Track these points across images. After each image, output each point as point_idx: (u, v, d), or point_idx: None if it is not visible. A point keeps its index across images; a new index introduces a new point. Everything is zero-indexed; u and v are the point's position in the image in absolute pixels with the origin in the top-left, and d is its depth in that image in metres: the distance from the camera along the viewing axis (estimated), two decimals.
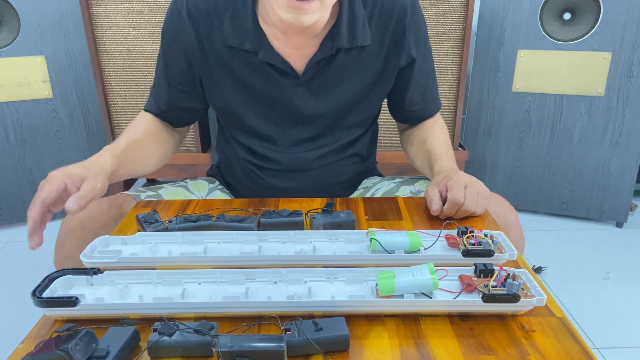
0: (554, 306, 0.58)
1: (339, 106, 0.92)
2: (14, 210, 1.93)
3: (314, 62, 0.86)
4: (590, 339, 1.34)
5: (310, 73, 0.88)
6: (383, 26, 0.88)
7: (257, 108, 0.92)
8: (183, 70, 0.92)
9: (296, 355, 0.50)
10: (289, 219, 0.74)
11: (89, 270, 0.60)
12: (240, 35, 0.85)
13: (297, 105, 0.90)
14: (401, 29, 0.89)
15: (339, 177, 0.99)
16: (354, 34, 0.86)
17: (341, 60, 0.88)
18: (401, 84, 0.96)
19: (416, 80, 0.95)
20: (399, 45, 0.90)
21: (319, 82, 0.89)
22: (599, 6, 1.68)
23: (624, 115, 1.77)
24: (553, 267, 1.66)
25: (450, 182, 0.79)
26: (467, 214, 0.79)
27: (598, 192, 1.90)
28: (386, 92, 0.97)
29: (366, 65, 0.90)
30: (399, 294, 0.55)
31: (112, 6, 1.67)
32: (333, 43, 0.85)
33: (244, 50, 0.86)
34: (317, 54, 0.86)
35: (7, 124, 1.82)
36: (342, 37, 0.85)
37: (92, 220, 0.84)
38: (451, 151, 0.96)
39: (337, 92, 0.91)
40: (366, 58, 0.89)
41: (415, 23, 0.90)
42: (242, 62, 0.88)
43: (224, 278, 0.60)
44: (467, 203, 0.77)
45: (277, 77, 0.88)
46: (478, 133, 1.99)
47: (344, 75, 0.89)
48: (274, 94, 0.90)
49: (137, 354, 0.51)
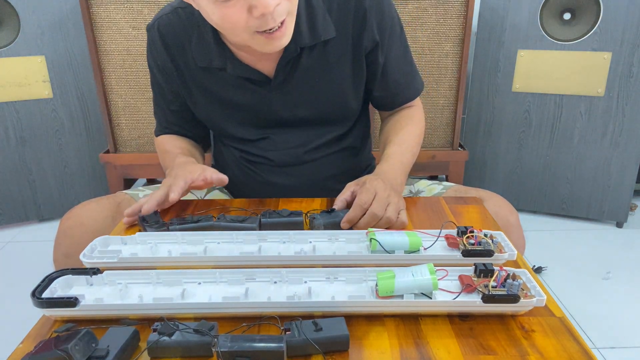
0: (554, 306, 0.58)
1: (318, 105, 0.91)
2: (14, 210, 1.93)
3: (282, 65, 0.86)
4: (590, 339, 1.34)
5: (280, 77, 0.87)
6: (344, 14, 0.86)
7: (239, 118, 0.93)
8: (173, 91, 0.96)
9: (296, 355, 0.50)
10: (289, 219, 0.74)
11: (88, 270, 0.60)
12: (206, 55, 0.87)
13: (276, 110, 0.91)
14: (362, 13, 0.86)
15: (334, 169, 0.98)
16: (315, 29, 0.84)
17: (307, 58, 0.87)
18: (369, 70, 0.92)
19: (385, 65, 0.92)
20: (361, 31, 0.87)
21: (291, 85, 0.89)
22: (599, 6, 1.68)
23: (623, 115, 1.77)
24: (553, 267, 1.66)
25: (362, 187, 0.77)
26: (374, 223, 0.74)
27: (598, 192, 1.89)
28: (363, 81, 0.94)
29: (335, 58, 0.88)
30: (399, 294, 0.55)
31: (112, 6, 1.67)
32: (296, 43, 0.83)
33: (215, 68, 0.87)
34: (283, 57, 0.85)
35: (7, 124, 1.82)
36: (304, 35, 0.83)
37: (91, 219, 0.84)
38: (408, 151, 0.92)
39: (311, 91, 0.90)
40: (333, 51, 0.88)
41: (377, 4, 0.86)
42: (216, 79, 0.89)
43: (224, 278, 0.60)
44: (372, 209, 0.74)
45: (251, 87, 0.89)
46: (478, 133, 1.99)
47: (314, 72, 0.88)
48: (252, 102, 0.90)
49: (137, 354, 0.51)
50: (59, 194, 1.98)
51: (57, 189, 1.97)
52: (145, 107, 1.81)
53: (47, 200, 1.96)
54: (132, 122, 1.83)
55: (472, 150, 2.01)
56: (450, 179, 1.89)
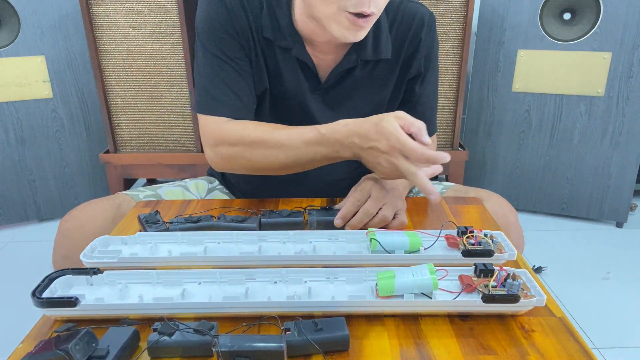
0: (554, 306, 0.58)
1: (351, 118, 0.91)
2: (14, 210, 1.93)
3: (338, 71, 0.86)
4: (590, 339, 1.34)
5: (331, 81, 0.87)
6: (401, 38, 0.88)
7: (271, 106, 0.90)
8: (242, 58, 0.85)
9: (296, 355, 0.50)
10: (289, 219, 0.74)
11: (88, 270, 0.60)
12: (276, 31, 0.83)
13: (309, 114, 0.89)
14: (416, 41, 0.88)
15: (339, 175, 0.98)
16: (379, 46, 0.85)
17: (360, 72, 0.87)
18: (405, 97, 0.94)
19: (419, 96, 0.94)
20: (412, 58, 0.89)
21: (337, 93, 0.89)
22: (599, 6, 1.68)
23: (623, 115, 1.77)
24: (553, 267, 1.66)
25: (358, 187, 0.77)
26: (367, 220, 0.74)
27: (598, 192, 1.89)
28: (396, 106, 0.95)
29: (383, 79, 0.90)
30: (399, 294, 0.55)
31: (112, 6, 1.67)
32: (358, 55, 0.84)
33: (278, 46, 0.84)
34: (342, 63, 0.85)
35: (7, 124, 1.82)
36: (367, 49, 0.84)
37: (91, 220, 0.84)
38: None
39: (352, 104, 0.90)
40: (383, 71, 0.89)
41: (430, 37, 0.89)
42: (273, 56, 0.86)
43: (224, 278, 0.60)
44: (365, 206, 0.74)
45: (301, 78, 0.87)
46: (478, 133, 1.99)
47: (360, 87, 0.89)
48: (292, 93, 0.88)
49: (137, 354, 0.51)
50: (59, 194, 1.98)
51: (57, 189, 1.97)
52: (146, 107, 1.81)
53: (47, 200, 1.96)
54: (132, 122, 1.83)
55: (472, 150, 2.01)
56: (450, 179, 1.89)
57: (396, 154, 0.68)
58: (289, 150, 0.78)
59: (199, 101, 0.86)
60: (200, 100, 0.85)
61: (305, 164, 0.79)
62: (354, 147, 0.72)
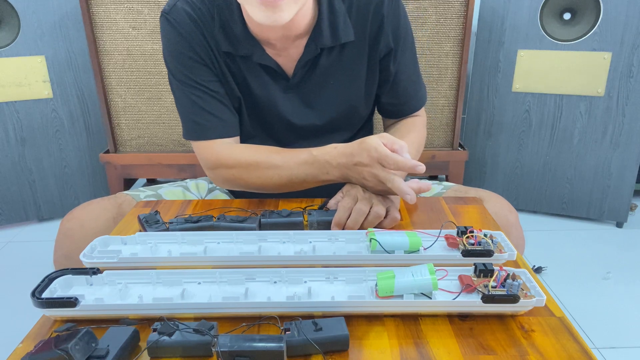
0: (554, 306, 0.58)
1: (329, 109, 0.91)
2: (14, 210, 1.93)
3: (301, 64, 0.86)
4: (590, 339, 1.34)
5: (298, 75, 0.87)
6: (362, 19, 0.87)
7: (247, 113, 0.92)
8: (211, 79, 0.88)
9: (296, 355, 0.50)
10: (289, 219, 0.74)
11: (88, 270, 0.60)
12: (232, 42, 0.85)
13: (286, 114, 0.90)
14: (379, 18, 0.87)
15: None
16: (336, 31, 0.85)
17: (325, 60, 0.87)
18: (381, 76, 0.93)
19: (396, 73, 0.93)
20: (378, 36, 0.88)
21: (308, 86, 0.89)
22: (599, 6, 1.68)
23: (623, 115, 1.77)
24: (553, 267, 1.66)
25: (345, 194, 0.77)
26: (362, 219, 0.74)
27: (598, 192, 1.89)
28: (375, 87, 0.94)
29: (351, 63, 0.89)
30: (399, 294, 0.55)
31: (112, 6, 1.67)
32: (316, 43, 0.84)
33: (239, 56, 0.86)
34: (303, 55, 0.85)
35: (7, 124, 1.83)
36: (325, 36, 0.84)
37: (92, 220, 0.84)
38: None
39: (326, 93, 0.90)
40: (350, 54, 0.88)
41: (394, 11, 0.87)
42: (236, 67, 0.88)
43: (224, 278, 0.60)
44: (356, 206, 0.74)
45: (269, 82, 0.88)
46: (478, 133, 1.99)
47: (331, 74, 0.89)
48: (265, 99, 0.89)
49: (137, 354, 0.51)
50: (59, 194, 1.98)
51: (57, 189, 1.97)
52: (145, 107, 1.81)
53: (47, 200, 1.97)
54: (132, 122, 1.83)
55: (472, 150, 2.01)
56: (450, 179, 1.89)
57: (375, 164, 0.74)
58: (282, 171, 0.83)
59: (186, 130, 0.91)
60: (187, 129, 0.90)
61: (297, 184, 0.84)
62: (342, 167, 0.78)
